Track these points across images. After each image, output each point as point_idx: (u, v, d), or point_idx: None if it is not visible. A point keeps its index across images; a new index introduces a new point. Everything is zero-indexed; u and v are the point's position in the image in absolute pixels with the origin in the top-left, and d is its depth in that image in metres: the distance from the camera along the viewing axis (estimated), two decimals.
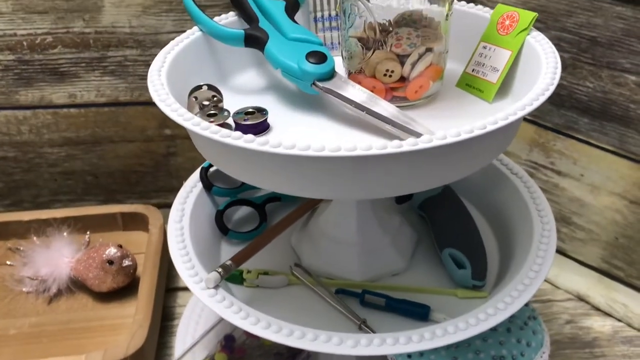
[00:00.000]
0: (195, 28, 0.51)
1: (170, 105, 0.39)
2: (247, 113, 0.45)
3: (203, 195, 0.56)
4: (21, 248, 0.66)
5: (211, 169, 0.58)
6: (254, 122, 0.44)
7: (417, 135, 0.41)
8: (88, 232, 0.68)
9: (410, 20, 0.45)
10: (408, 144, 0.34)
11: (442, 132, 0.35)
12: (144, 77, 0.68)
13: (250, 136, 0.36)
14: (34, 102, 0.68)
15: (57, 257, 0.63)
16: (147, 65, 0.67)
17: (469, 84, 0.49)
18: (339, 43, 0.56)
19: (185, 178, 0.76)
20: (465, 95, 0.49)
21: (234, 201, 0.56)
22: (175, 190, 0.76)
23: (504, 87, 0.47)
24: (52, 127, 0.70)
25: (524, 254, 0.48)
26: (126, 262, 0.60)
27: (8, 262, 0.66)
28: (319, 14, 0.56)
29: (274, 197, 0.58)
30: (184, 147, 0.73)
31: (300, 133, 0.45)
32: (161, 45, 0.65)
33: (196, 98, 0.46)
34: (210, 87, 0.47)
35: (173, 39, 0.65)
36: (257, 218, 0.57)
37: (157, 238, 0.66)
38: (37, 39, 0.65)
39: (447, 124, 0.45)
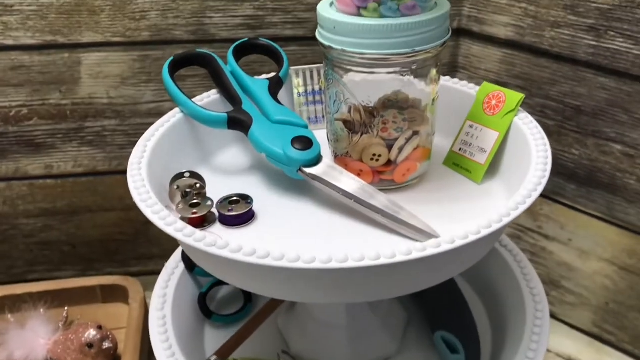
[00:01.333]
0: (176, 110, 0.50)
1: (152, 207, 0.38)
2: (231, 202, 0.44)
3: (185, 276, 0.54)
4: None
5: None
6: (239, 213, 0.43)
7: (408, 226, 0.40)
8: (66, 308, 0.65)
9: (395, 102, 0.45)
10: (401, 254, 0.33)
11: (435, 241, 0.34)
12: (123, 147, 0.66)
13: (236, 245, 0.35)
14: (8, 174, 0.66)
15: (33, 338, 0.60)
16: (126, 134, 0.66)
17: (457, 163, 0.48)
18: (323, 117, 0.56)
19: (166, 245, 0.74)
20: (453, 174, 0.48)
21: (217, 282, 0.55)
22: (155, 257, 0.75)
23: (492, 167, 0.47)
24: (28, 199, 0.68)
25: (518, 339, 0.46)
26: (106, 344, 0.58)
27: None
28: (302, 89, 0.55)
29: None
30: None
31: (287, 222, 0.43)
32: (140, 115, 0.65)
33: (178, 187, 0.45)
34: (193, 175, 0.46)
35: (153, 108, 0.65)
36: (242, 297, 0.55)
37: (137, 313, 0.64)
38: (12, 111, 0.63)
39: (437, 208, 0.44)
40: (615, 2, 0.52)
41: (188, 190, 0.45)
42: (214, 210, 0.44)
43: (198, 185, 0.45)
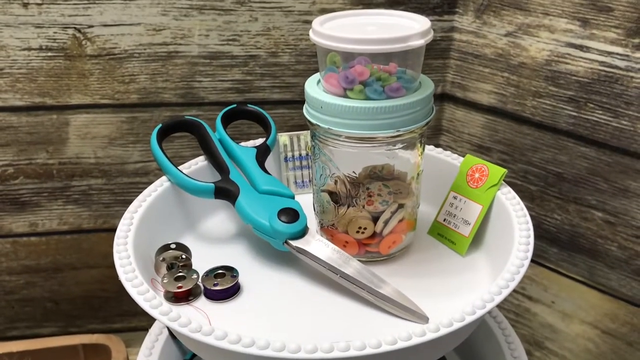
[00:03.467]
0: (162, 178, 0.50)
1: (138, 288, 0.38)
2: (216, 275, 0.44)
3: (169, 342, 0.53)
4: None
5: None
6: (224, 288, 0.43)
7: (394, 304, 0.41)
8: None
9: (380, 175, 0.45)
10: (387, 343, 0.33)
11: (426, 326, 0.35)
12: (108, 205, 0.66)
13: (220, 332, 0.34)
14: None
15: None
16: (113, 193, 0.66)
17: (441, 233, 0.49)
18: (309, 181, 0.56)
19: None
20: (437, 244, 0.49)
21: None
22: (139, 314, 0.74)
23: (476, 239, 0.47)
24: (11, 256, 0.68)
25: None
26: None
27: None
28: (289, 154, 0.56)
29: None
30: None
31: (273, 297, 0.43)
32: (127, 174, 0.65)
33: (164, 259, 0.45)
34: (179, 246, 0.46)
35: (139, 168, 0.65)
36: None
37: None
38: None
39: (422, 282, 0.44)
40: (594, 75, 0.53)
41: (174, 262, 0.45)
42: (200, 283, 0.44)
43: (184, 257, 0.45)
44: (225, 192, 0.47)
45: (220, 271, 0.44)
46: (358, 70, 0.41)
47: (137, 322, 0.74)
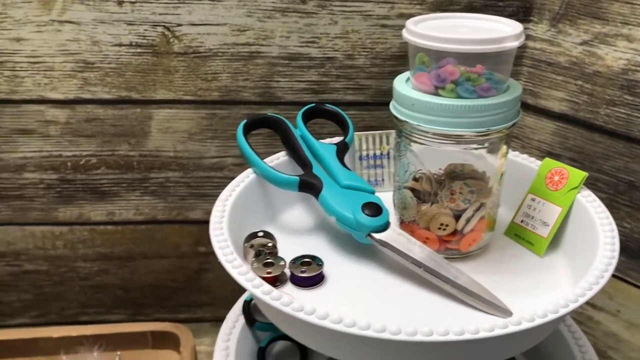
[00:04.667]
0: (248, 170, 0.52)
1: (238, 269, 0.40)
2: (303, 263, 0.46)
3: (245, 330, 0.55)
4: None
5: (253, 302, 0.57)
6: (311, 275, 0.45)
7: (479, 299, 0.42)
8: (119, 352, 0.67)
9: (461, 174, 0.47)
10: (470, 332, 0.34)
11: (509, 319, 0.36)
12: (183, 198, 0.69)
13: (321, 311, 0.36)
14: (71, 219, 0.69)
15: None
16: (188, 186, 0.68)
17: (518, 234, 0.50)
18: (382, 180, 0.58)
19: (216, 294, 0.76)
20: (514, 245, 0.50)
21: (275, 337, 0.56)
22: (204, 305, 0.77)
23: (554, 240, 0.48)
24: (88, 243, 0.71)
25: None
26: None
27: None
28: (363, 153, 0.57)
29: None
30: (216, 264, 0.73)
31: (355, 287, 0.45)
32: (203, 168, 0.67)
33: (252, 245, 0.47)
34: (266, 234, 0.48)
35: (215, 163, 0.67)
36: (297, 353, 0.56)
37: None
38: (82, 160, 0.66)
39: (500, 280, 0.45)
40: None
41: (261, 249, 0.47)
42: (286, 270, 0.46)
43: (271, 245, 0.47)
44: (309, 185, 0.49)
45: (306, 259, 0.46)
46: (449, 70, 0.43)
47: (202, 313, 0.77)
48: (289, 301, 0.37)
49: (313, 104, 0.57)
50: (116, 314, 0.76)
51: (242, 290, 0.60)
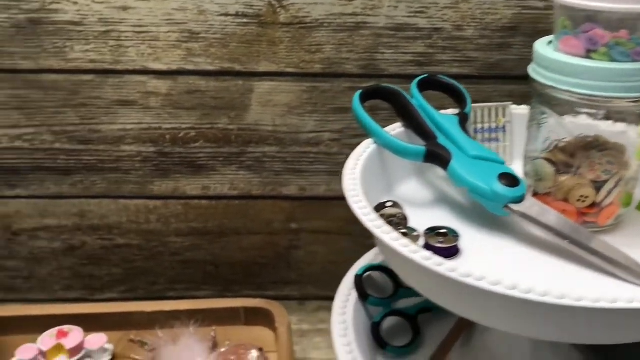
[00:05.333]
0: (369, 141, 0.51)
1: (389, 234, 0.39)
2: (438, 234, 0.44)
3: (358, 305, 0.54)
4: (147, 342, 0.65)
5: (365, 276, 0.56)
6: (449, 246, 0.43)
7: (627, 270, 0.40)
8: (214, 328, 0.67)
9: (597, 145, 0.45)
10: (606, 300, 0.33)
11: None
12: (278, 173, 0.68)
13: (471, 272, 0.35)
14: (166, 193, 0.69)
15: (189, 356, 0.62)
16: (284, 161, 0.68)
17: None
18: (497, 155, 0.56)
19: (305, 271, 0.75)
20: None
21: (389, 312, 0.55)
22: (292, 283, 0.76)
23: None
24: (181, 217, 0.70)
25: None
26: None
27: (134, 357, 0.65)
28: (478, 126, 0.56)
29: (426, 308, 0.56)
30: (306, 241, 0.73)
31: (492, 259, 0.43)
32: (300, 143, 0.66)
33: (382, 215, 0.45)
34: (395, 205, 0.47)
35: (312, 138, 0.66)
36: (409, 330, 0.55)
37: (286, 338, 0.64)
38: (181, 133, 0.65)
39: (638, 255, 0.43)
40: None
41: (391, 219, 0.46)
42: (420, 241, 0.44)
43: (401, 215, 0.46)
44: (436, 155, 0.47)
45: (442, 230, 0.45)
46: (599, 33, 0.41)
47: (289, 291, 0.76)
48: (454, 267, 0.36)
49: (426, 75, 0.55)
50: (204, 290, 0.76)
51: (341, 266, 0.60)
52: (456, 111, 0.53)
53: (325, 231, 0.72)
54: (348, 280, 0.56)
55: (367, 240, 0.72)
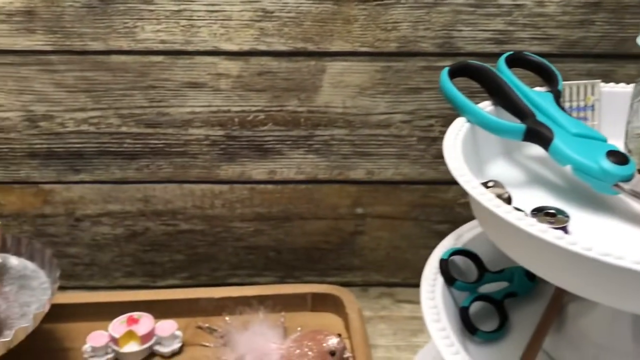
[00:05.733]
0: (461, 119, 0.49)
1: (511, 213, 0.37)
2: (547, 214, 0.43)
3: (445, 290, 0.53)
4: (217, 329, 0.64)
5: (450, 259, 0.55)
6: (559, 227, 0.42)
7: None
8: (283, 314, 0.66)
9: None
10: None
11: None
12: (346, 157, 0.67)
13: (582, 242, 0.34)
14: (233, 177, 0.68)
15: (263, 342, 0.61)
16: (353, 144, 0.66)
17: None
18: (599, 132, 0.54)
19: (369, 257, 0.74)
20: None
21: (477, 297, 0.53)
22: (354, 269, 0.75)
23: None
24: (246, 202, 0.69)
25: None
26: (347, 354, 0.57)
27: (205, 343, 0.64)
28: (567, 104, 0.54)
29: (512, 293, 0.55)
30: (372, 227, 0.71)
31: (603, 240, 0.42)
32: (370, 126, 0.65)
33: None
34: (497, 184, 0.45)
35: (382, 120, 0.65)
36: (496, 315, 0.54)
37: (359, 324, 0.63)
38: (250, 115, 0.64)
39: None
40: None
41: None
42: None
43: (506, 196, 0.44)
44: (537, 133, 0.46)
45: (550, 210, 0.43)
46: None
47: (351, 277, 0.75)
48: (573, 240, 0.34)
49: (512, 52, 0.53)
50: (265, 277, 0.74)
51: (406, 251, 0.58)
52: (548, 89, 0.51)
53: (390, 216, 0.70)
54: (431, 265, 0.55)
55: (432, 225, 0.71)
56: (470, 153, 0.49)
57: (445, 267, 0.54)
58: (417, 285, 0.51)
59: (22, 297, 0.58)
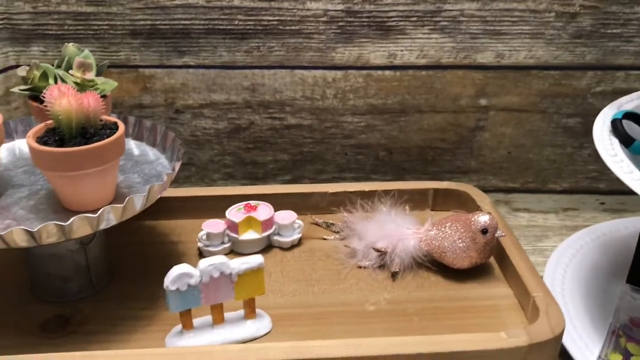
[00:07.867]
0: None
1: None
2: None
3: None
4: (335, 223, 0.59)
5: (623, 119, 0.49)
6: None
7: None
8: (407, 206, 0.60)
9: None
10: None
11: None
12: (475, 36, 0.61)
13: None
14: (348, 62, 0.62)
15: (395, 229, 0.55)
16: (484, 21, 0.60)
17: None
18: None
19: (488, 157, 0.68)
20: None
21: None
22: (470, 172, 0.69)
23: None
24: (360, 92, 0.64)
25: None
26: (499, 233, 0.52)
27: (325, 237, 0.58)
28: None
29: None
30: (495, 121, 0.66)
31: None
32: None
33: None
34: None
35: None
36: None
37: (498, 217, 0.58)
38: None
39: None
40: None
41: None
42: None
43: None
44: None
45: None
46: None
47: (466, 181, 0.69)
48: None
49: None
50: (374, 180, 0.69)
51: (529, 151, 0.51)
52: None
53: (517, 108, 0.65)
54: (600, 126, 0.49)
55: (561, 119, 0.65)
56: None
57: (621, 126, 0.48)
58: (537, 191, 0.45)
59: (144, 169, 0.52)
